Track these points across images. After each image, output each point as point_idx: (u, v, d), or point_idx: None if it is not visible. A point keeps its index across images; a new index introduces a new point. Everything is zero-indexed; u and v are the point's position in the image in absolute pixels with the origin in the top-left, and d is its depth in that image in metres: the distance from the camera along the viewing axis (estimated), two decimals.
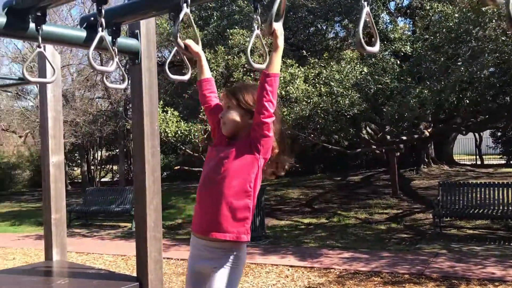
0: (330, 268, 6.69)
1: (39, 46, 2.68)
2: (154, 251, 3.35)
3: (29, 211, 16.43)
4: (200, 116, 11.19)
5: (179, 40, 2.32)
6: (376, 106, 10.42)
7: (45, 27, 2.69)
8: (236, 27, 11.29)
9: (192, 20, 2.37)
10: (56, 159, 4.08)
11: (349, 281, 6.06)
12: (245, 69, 10.91)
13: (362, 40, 2.09)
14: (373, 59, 10.44)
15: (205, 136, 11.62)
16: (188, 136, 11.10)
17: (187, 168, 15.86)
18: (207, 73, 2.73)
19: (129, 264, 7.69)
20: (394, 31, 11.56)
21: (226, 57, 10.94)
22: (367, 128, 13.54)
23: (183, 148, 12.90)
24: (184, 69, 3.19)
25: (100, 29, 2.53)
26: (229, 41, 10.88)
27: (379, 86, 9.84)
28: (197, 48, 2.54)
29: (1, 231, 12.44)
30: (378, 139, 13.04)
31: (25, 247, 9.68)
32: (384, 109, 10.27)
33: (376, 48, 2.18)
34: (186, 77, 3.02)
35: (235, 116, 2.35)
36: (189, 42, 2.52)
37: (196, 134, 11.06)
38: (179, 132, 10.80)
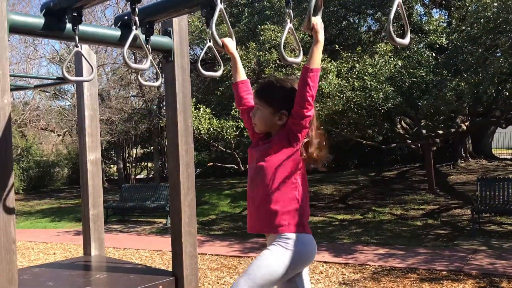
0: (365, 265, 6.61)
1: (76, 46, 2.75)
2: (189, 246, 3.39)
3: (68, 207, 16.91)
4: (232, 113, 11.25)
5: (216, 37, 2.33)
6: (411, 100, 10.20)
7: (81, 27, 2.75)
8: (268, 23, 11.27)
9: (227, 17, 2.38)
10: (93, 156, 4.18)
11: (385, 277, 5.98)
12: (276, 64, 10.89)
13: (392, 32, 2.05)
14: (407, 52, 10.22)
15: (237, 132, 11.67)
16: (220, 133, 11.17)
17: (220, 164, 15.97)
18: (243, 75, 2.71)
19: (165, 259, 7.81)
20: (429, 23, 11.29)
21: (257, 53, 10.95)
22: (402, 122, 13.29)
23: (216, 145, 13.00)
24: (215, 66, 3.22)
25: (134, 27, 2.57)
26: (261, 37, 10.88)
27: (414, 79, 9.63)
28: (233, 48, 2.56)
29: (42, 227, 12.85)
30: (413, 133, 12.78)
31: (65, 243, 9.97)
32: (419, 103, 10.05)
33: (406, 41, 2.13)
34: (219, 73, 3.04)
35: (263, 115, 2.39)
36: (227, 40, 2.54)
37: (228, 130, 11.12)
38: (211, 129, 10.88)
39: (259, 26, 11.29)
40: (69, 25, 2.74)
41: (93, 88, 4.26)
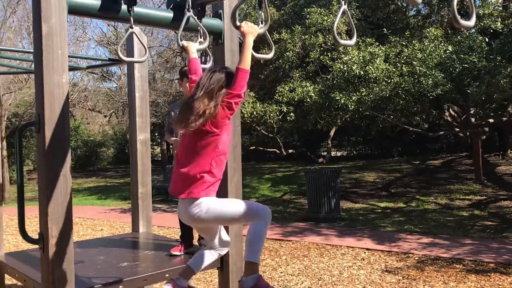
0: (408, 253, 6.51)
1: (131, 27, 2.81)
2: (235, 226, 3.45)
3: (114, 186, 17.45)
4: (276, 97, 11.22)
5: (237, 22, 2.41)
6: (461, 86, 9.85)
7: (136, 9, 2.81)
8: (314, 5, 11.11)
9: (266, 3, 2.44)
10: (143, 136, 4.29)
11: (429, 267, 5.87)
12: (322, 48, 10.75)
13: (457, 14, 1.98)
14: (458, 37, 9.85)
15: (280, 117, 11.66)
16: (263, 117, 11.18)
17: (262, 148, 16.03)
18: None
19: None
20: (483, 7, 10.82)
21: (303, 36, 10.84)
22: (450, 110, 12.89)
23: (258, 128, 13.04)
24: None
25: (187, 8, 2.61)
26: (307, 20, 10.74)
27: (465, 65, 9.28)
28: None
29: (89, 204, 13.33)
30: (461, 121, 12.38)
31: (111, 220, 10.31)
32: (468, 90, 9.70)
33: (471, 23, 2.05)
34: (270, 56, 3.04)
35: None
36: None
37: (272, 115, 11.12)
38: (254, 112, 10.90)
39: (305, 9, 11.14)
40: (124, 7, 2.80)
41: (143, 70, 4.35)
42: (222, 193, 3.41)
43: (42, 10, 2.51)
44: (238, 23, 2.45)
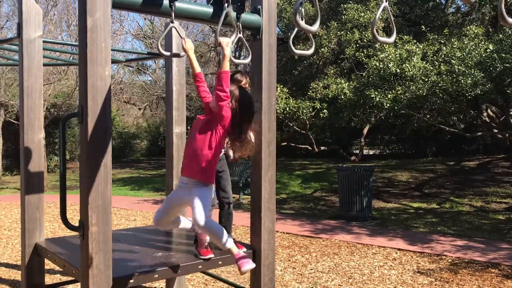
0: (442, 255, 6.40)
1: (172, 22, 2.86)
2: (268, 221, 3.46)
3: (147, 178, 17.75)
4: (309, 93, 11.17)
5: (298, 19, 2.37)
6: (500, 87, 9.57)
7: (177, 4, 2.85)
8: (350, 1, 10.98)
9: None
10: (179, 129, 4.36)
11: (463, 270, 5.76)
12: (358, 45, 10.63)
13: (504, 11, 1.94)
14: (500, 35, 9.56)
15: (313, 113, 11.60)
16: (296, 113, 11.14)
17: (294, 144, 15.98)
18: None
19: (237, 233, 8.01)
20: None
21: (338, 32, 10.74)
22: (488, 110, 12.54)
23: (291, 124, 13.01)
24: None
25: (226, 4, 2.64)
26: (343, 16, 10.64)
27: (507, 65, 9.00)
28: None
29: (123, 194, 13.61)
30: (500, 122, 12.03)
31: (144, 210, 10.50)
32: (509, 91, 9.40)
33: None
34: (310, 52, 3.04)
35: None
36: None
37: (305, 111, 11.07)
38: (287, 108, 10.87)
39: (342, 5, 11.03)
40: (166, 1, 2.85)
41: (181, 64, 4.41)
42: (256, 188, 3.44)
43: (87, 4, 2.58)
44: None
